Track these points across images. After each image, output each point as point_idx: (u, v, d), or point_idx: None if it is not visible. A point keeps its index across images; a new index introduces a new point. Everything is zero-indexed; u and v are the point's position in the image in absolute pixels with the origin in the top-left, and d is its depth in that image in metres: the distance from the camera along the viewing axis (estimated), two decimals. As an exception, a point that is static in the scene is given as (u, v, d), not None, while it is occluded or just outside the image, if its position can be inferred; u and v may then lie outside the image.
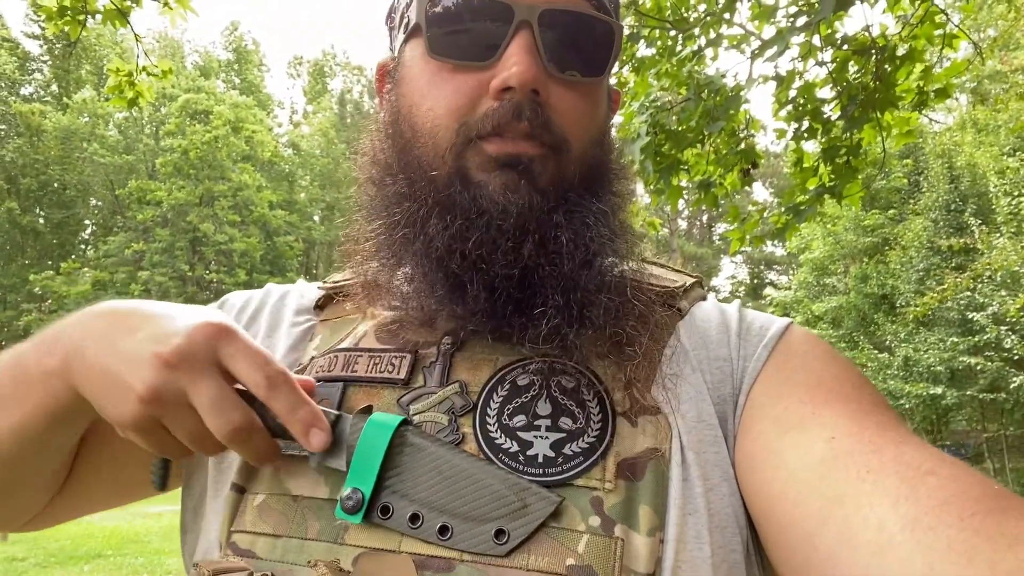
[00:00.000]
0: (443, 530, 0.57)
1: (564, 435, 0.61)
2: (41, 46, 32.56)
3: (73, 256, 31.32)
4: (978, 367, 14.47)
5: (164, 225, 29.38)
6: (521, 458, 0.60)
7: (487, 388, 0.65)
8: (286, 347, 0.76)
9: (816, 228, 19.03)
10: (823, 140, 3.81)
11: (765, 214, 4.30)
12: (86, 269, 29.11)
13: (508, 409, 0.63)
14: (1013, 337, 13.70)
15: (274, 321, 0.80)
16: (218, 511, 0.67)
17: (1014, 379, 13.94)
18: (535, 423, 0.62)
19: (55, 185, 30.83)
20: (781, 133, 3.83)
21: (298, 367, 0.74)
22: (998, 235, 13.47)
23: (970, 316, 14.45)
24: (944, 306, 14.33)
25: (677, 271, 0.80)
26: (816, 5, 3.42)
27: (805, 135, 3.84)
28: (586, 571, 0.54)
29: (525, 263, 0.62)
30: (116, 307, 0.62)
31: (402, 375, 0.67)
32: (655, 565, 0.56)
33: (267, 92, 39.16)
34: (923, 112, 3.92)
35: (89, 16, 3.32)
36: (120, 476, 0.76)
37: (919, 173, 18.74)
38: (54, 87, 33.20)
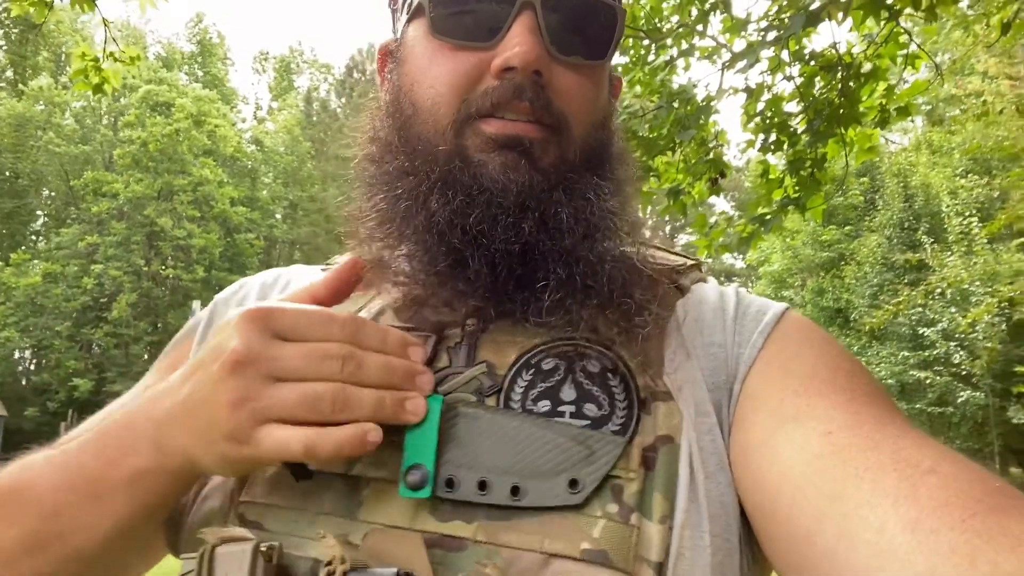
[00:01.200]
0: (515, 491, 0.56)
1: (588, 422, 0.60)
2: (-4, 30, 31.60)
3: (23, 247, 30.36)
4: (927, 381, 14.86)
5: (120, 218, 28.65)
6: None
7: (513, 371, 0.64)
8: None
9: (776, 242, 19.40)
10: (789, 152, 3.90)
11: (732, 223, 4.37)
12: (37, 261, 28.25)
13: (532, 394, 0.62)
14: (961, 353, 14.12)
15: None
16: (223, 484, 0.65)
17: (961, 393, 14.35)
18: (559, 408, 0.61)
19: (7, 174, 29.89)
20: (750, 144, 3.91)
21: None
22: (949, 253, 13.90)
23: (921, 331, 14.85)
24: (896, 321, 14.70)
25: (676, 253, 0.80)
26: (786, 21, 3.49)
27: (772, 147, 3.92)
28: (600, 556, 0.54)
29: (526, 239, 0.62)
30: (160, 388, 0.61)
31: (426, 355, 0.66)
32: (664, 553, 0.55)
33: (231, 87, 38.52)
34: (885, 129, 4.03)
35: (56, -2, 3.23)
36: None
37: (875, 191, 19.25)
38: (9, 73, 32.22)
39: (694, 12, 3.95)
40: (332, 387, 0.55)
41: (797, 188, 3.85)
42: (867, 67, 3.83)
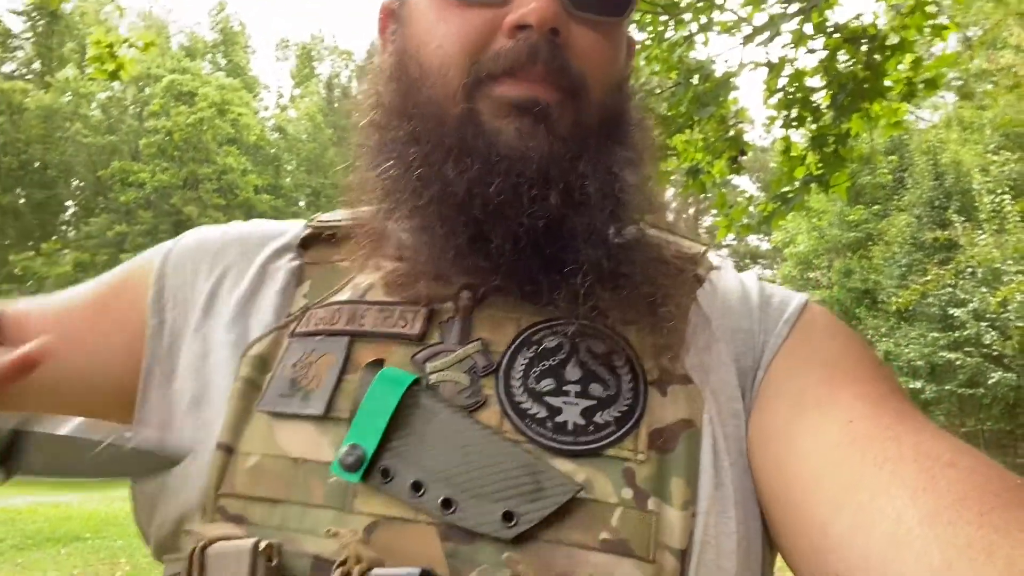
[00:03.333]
0: (446, 503, 0.53)
1: (595, 402, 0.57)
2: (24, 22, 32.04)
3: (54, 237, 30.90)
4: (957, 362, 14.62)
5: (147, 207, 29.04)
6: (550, 424, 0.56)
7: (512, 348, 0.61)
8: (274, 291, 0.69)
9: (801, 222, 19.13)
10: (812, 128, 3.81)
11: (753, 202, 4.30)
12: (67, 250, 28.76)
13: (535, 372, 0.59)
14: (992, 333, 13.85)
15: (248, 258, 0.72)
16: (199, 473, 0.60)
17: (992, 375, 14.09)
18: (564, 388, 0.58)
19: (36, 165, 30.37)
20: (772, 120, 3.82)
21: (286, 317, 0.67)
22: (980, 232, 13.60)
23: (951, 312, 14.59)
24: (925, 301, 14.47)
25: (687, 238, 0.76)
26: (808, -8, 3.40)
27: (794, 123, 3.84)
28: (620, 545, 0.51)
29: (551, 214, 0.58)
30: None
31: (416, 330, 0.62)
32: (687, 540, 0.53)
33: (253, 75, 38.73)
34: (912, 103, 3.92)
35: (70, -16, 3.23)
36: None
37: (904, 170, 18.85)
38: (36, 65, 32.67)
39: (713, -14, 3.86)
40: None
41: (820, 165, 3.77)
42: (893, 39, 3.73)
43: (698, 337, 0.64)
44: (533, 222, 0.58)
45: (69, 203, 32.93)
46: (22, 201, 30.65)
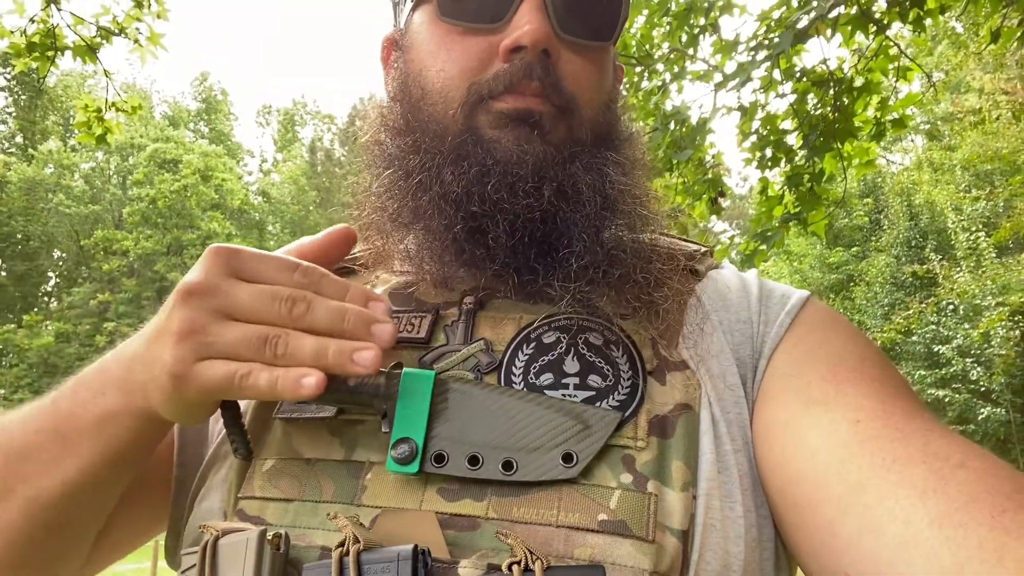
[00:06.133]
0: (507, 465, 0.55)
1: (593, 393, 0.59)
2: (6, 97, 32.34)
3: (36, 309, 30.61)
4: (946, 399, 14.64)
5: (131, 275, 28.96)
6: None
7: (512, 346, 0.63)
8: None
9: (783, 266, 19.36)
10: (786, 168, 3.91)
11: (733, 244, 4.37)
12: (48, 321, 28.45)
13: (535, 367, 0.62)
14: (979, 369, 13.94)
15: None
16: (222, 481, 0.64)
17: (982, 410, 14.12)
18: (563, 381, 0.60)
19: (18, 236, 30.29)
20: (748, 161, 3.92)
21: None
22: (958, 269, 13.82)
23: (936, 349, 14.69)
24: (910, 340, 14.56)
25: (688, 240, 0.79)
26: (775, 40, 3.54)
27: (769, 163, 3.94)
28: (618, 526, 0.52)
29: (545, 206, 0.61)
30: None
31: (423, 334, 0.65)
32: (688, 521, 0.53)
33: (236, 141, 39.18)
34: (880, 142, 4.04)
35: (59, 52, 3.31)
36: (137, 513, 0.72)
37: (879, 211, 19.23)
38: (19, 138, 32.87)
39: (684, 38, 4.01)
40: (276, 329, 0.53)
41: (797, 203, 3.85)
42: (859, 81, 3.87)
43: (695, 327, 0.66)
44: (528, 213, 0.61)
45: (51, 274, 32.74)
46: (3, 273, 30.44)
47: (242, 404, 0.65)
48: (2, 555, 0.60)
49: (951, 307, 13.32)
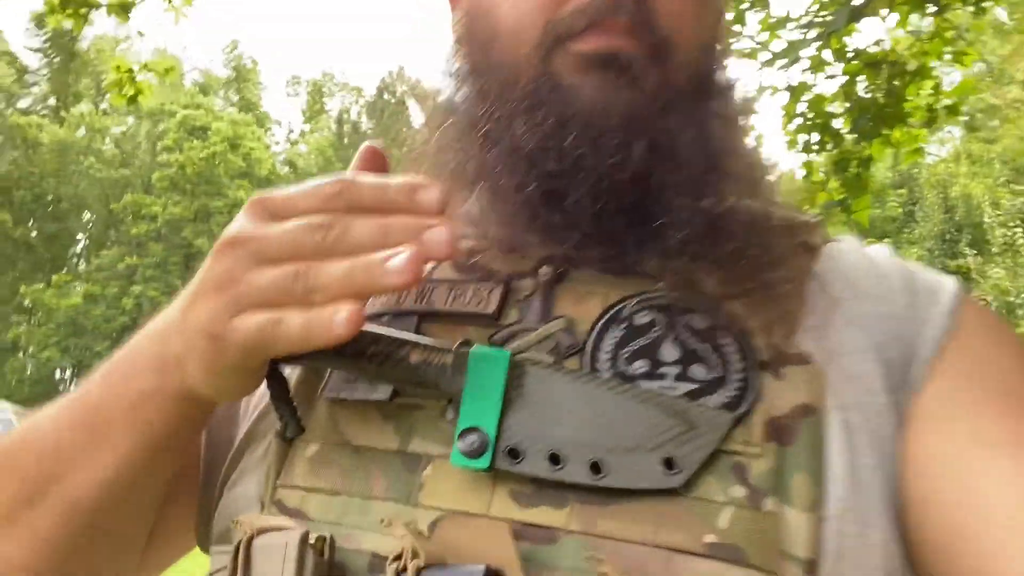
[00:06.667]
0: (595, 467, 0.45)
1: (698, 386, 0.49)
2: (40, 60, 32.69)
3: (65, 269, 31.14)
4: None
5: (158, 240, 29.29)
6: None
7: (598, 326, 0.53)
8: None
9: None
10: (834, 152, 3.78)
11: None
12: (77, 282, 28.95)
13: (625, 353, 0.51)
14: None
15: None
16: (258, 462, 0.56)
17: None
18: (659, 370, 0.50)
19: (49, 198, 30.76)
20: (792, 143, 3.79)
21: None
22: (994, 265, 13.54)
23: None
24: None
25: (798, 211, 0.66)
26: (828, 18, 3.40)
27: (815, 147, 3.81)
28: (731, 551, 0.43)
29: (636, 166, 0.51)
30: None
31: (491, 309, 0.55)
32: (815, 549, 0.44)
33: (265, 110, 39.34)
34: (932, 128, 3.90)
35: (92, 9, 3.27)
36: (189, 505, 0.65)
37: (913, 203, 18.88)
38: (52, 100, 33.26)
39: (731, 14, 3.87)
40: (306, 263, 0.45)
41: (842, 190, 3.72)
42: (912, 65, 3.71)
43: (820, 315, 0.54)
44: (615, 174, 0.51)
45: (80, 236, 33.25)
46: (34, 234, 30.98)
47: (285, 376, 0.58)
48: (41, 567, 0.54)
49: (983, 304, 13.08)
